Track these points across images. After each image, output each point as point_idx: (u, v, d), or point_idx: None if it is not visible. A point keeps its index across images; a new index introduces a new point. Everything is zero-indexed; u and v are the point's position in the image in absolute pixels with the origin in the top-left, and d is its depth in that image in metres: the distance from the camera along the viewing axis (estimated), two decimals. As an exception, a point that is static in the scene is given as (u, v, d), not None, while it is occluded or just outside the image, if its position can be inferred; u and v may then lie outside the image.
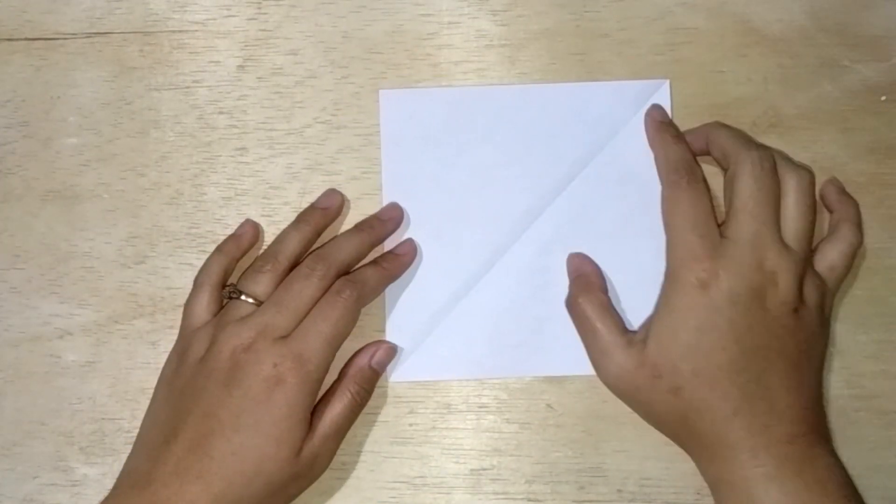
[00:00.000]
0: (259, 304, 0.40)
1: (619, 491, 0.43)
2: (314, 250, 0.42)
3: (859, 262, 0.44)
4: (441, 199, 0.44)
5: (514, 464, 0.43)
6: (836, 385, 0.43)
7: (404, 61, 0.45)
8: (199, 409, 0.38)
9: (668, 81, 0.45)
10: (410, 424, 0.44)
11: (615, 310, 0.42)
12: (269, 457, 0.38)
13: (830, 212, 0.43)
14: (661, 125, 0.43)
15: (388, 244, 0.44)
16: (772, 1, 0.45)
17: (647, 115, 0.44)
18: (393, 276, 0.43)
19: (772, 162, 0.40)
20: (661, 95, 0.44)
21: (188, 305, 0.42)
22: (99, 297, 0.45)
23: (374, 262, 0.43)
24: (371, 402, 0.43)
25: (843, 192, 0.43)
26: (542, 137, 0.44)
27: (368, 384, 0.42)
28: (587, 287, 0.42)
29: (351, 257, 0.42)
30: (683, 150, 0.42)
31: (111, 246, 0.45)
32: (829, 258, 0.41)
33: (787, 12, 0.45)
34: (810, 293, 0.39)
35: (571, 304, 0.42)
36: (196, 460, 0.37)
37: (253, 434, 0.37)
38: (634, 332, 0.41)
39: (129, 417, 0.44)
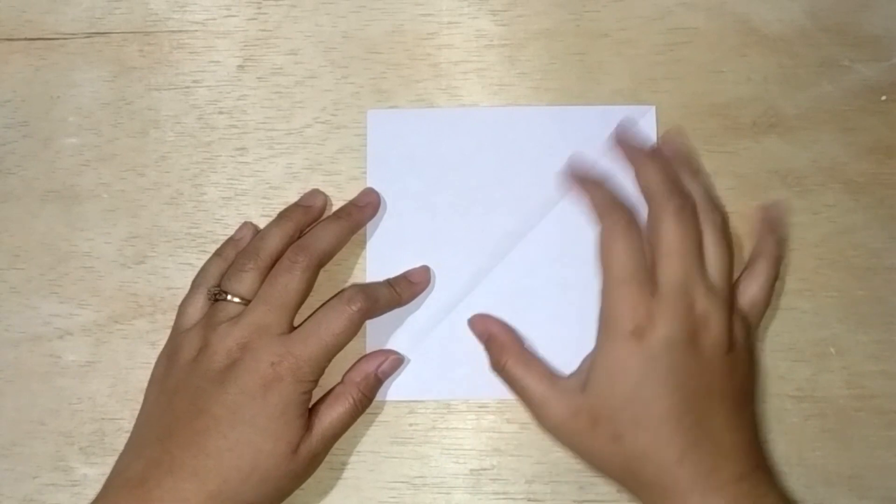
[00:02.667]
0: (245, 302, 0.40)
1: (619, 491, 0.43)
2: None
3: (859, 262, 0.44)
4: (425, 220, 0.44)
5: (514, 464, 0.43)
6: (836, 385, 0.43)
7: (404, 61, 0.45)
8: (194, 408, 0.38)
9: (654, 108, 0.45)
10: (410, 424, 0.44)
11: (539, 359, 0.41)
12: (266, 452, 0.37)
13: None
14: (577, 177, 0.43)
15: (390, 258, 0.44)
16: (772, 1, 0.45)
17: (568, 170, 0.44)
18: (403, 301, 0.43)
19: (692, 207, 0.40)
20: (648, 121, 0.44)
21: (182, 306, 0.42)
22: (99, 297, 0.45)
23: (388, 282, 0.43)
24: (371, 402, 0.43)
25: (768, 222, 0.43)
26: (528, 160, 0.44)
27: (371, 391, 0.42)
28: (503, 348, 0.42)
29: (331, 246, 0.42)
30: (607, 192, 0.42)
31: (111, 246, 0.45)
32: (749, 294, 0.41)
33: (787, 12, 0.45)
34: (738, 332, 0.40)
35: (497, 369, 0.42)
36: (191, 457, 0.37)
37: (249, 429, 0.37)
38: (568, 378, 0.40)
39: (129, 417, 0.44)
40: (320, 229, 0.42)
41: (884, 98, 0.45)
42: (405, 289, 0.43)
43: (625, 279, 0.39)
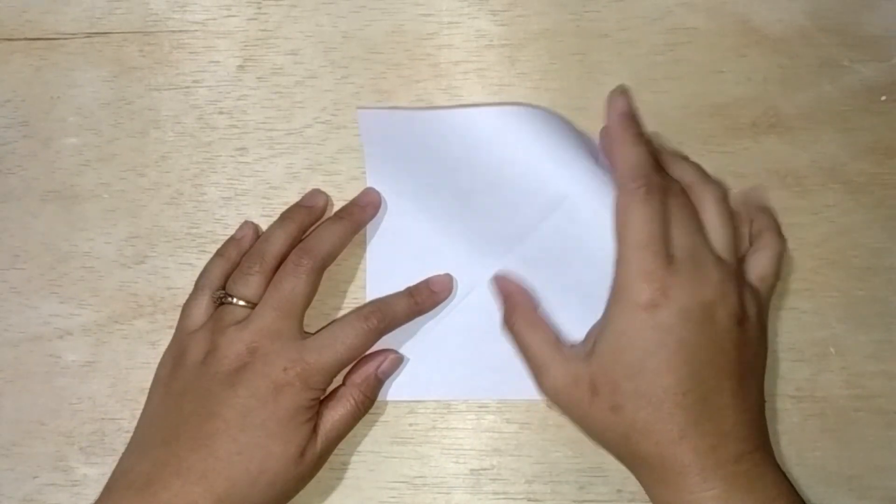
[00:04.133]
0: (251, 305, 0.40)
1: (619, 491, 0.43)
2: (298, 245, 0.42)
3: (859, 262, 0.44)
4: (425, 219, 0.44)
5: (514, 464, 0.43)
6: (836, 385, 0.43)
7: (404, 61, 0.45)
8: (204, 410, 0.38)
9: None
10: (410, 424, 0.44)
11: (548, 324, 0.41)
12: (276, 456, 0.38)
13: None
14: (622, 119, 0.41)
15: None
16: (772, 1, 0.45)
17: (609, 103, 0.42)
18: (423, 311, 0.43)
19: (680, 186, 0.40)
20: None
21: (186, 307, 0.42)
22: (99, 297, 0.45)
23: (409, 292, 0.42)
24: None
25: (755, 202, 0.43)
26: (525, 159, 0.44)
27: (373, 392, 0.42)
28: (515, 307, 0.42)
29: (334, 247, 0.42)
30: (643, 153, 0.40)
31: (111, 246, 0.45)
32: (759, 267, 0.40)
33: (787, 12, 0.45)
34: (750, 304, 0.39)
35: (505, 326, 0.42)
36: (199, 460, 0.37)
37: (260, 433, 0.37)
38: (574, 346, 0.40)
39: (129, 417, 0.44)
40: (322, 231, 0.42)
41: (884, 98, 0.45)
42: (426, 298, 0.43)
43: (641, 246, 0.38)
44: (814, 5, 0.45)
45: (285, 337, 0.39)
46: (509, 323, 0.42)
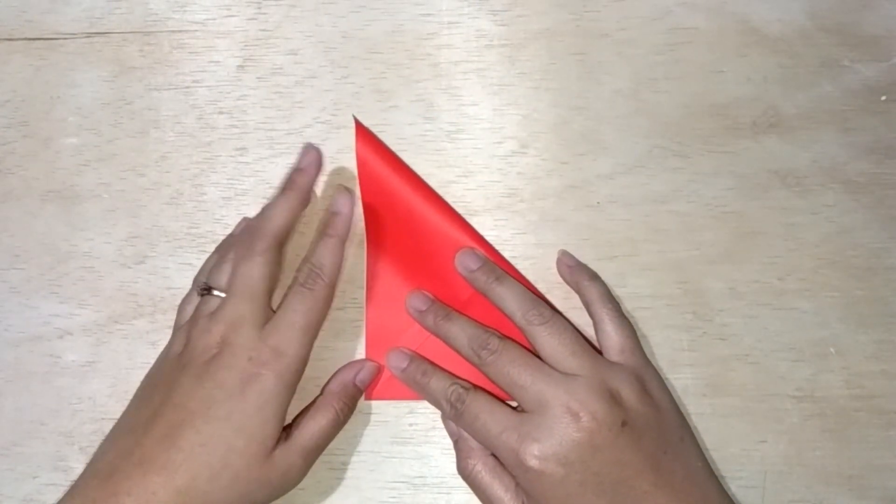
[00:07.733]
0: None
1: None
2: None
3: (859, 262, 0.44)
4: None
5: (514, 464, 0.43)
6: (836, 385, 0.43)
7: (404, 61, 0.45)
8: (171, 402, 0.38)
9: None
10: (410, 424, 0.44)
11: (504, 470, 0.40)
12: (238, 451, 0.37)
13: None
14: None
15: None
16: (772, 1, 0.45)
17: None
18: (340, 239, 0.42)
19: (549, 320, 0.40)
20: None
21: (181, 304, 0.43)
22: (99, 297, 0.45)
23: (321, 235, 0.42)
24: (371, 402, 0.43)
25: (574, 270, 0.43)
26: None
27: (352, 401, 0.42)
28: (473, 451, 0.41)
29: (285, 220, 0.41)
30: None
31: (111, 246, 0.45)
32: (608, 341, 0.41)
33: (787, 12, 0.45)
34: (626, 393, 0.39)
35: (463, 469, 0.41)
36: (162, 451, 0.36)
37: (223, 426, 0.37)
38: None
39: (129, 417, 0.44)
40: (269, 209, 0.42)
41: (884, 98, 0.45)
42: (334, 227, 0.42)
43: (496, 435, 0.39)
44: (814, 5, 0.45)
45: (249, 324, 0.39)
46: (466, 465, 0.40)
